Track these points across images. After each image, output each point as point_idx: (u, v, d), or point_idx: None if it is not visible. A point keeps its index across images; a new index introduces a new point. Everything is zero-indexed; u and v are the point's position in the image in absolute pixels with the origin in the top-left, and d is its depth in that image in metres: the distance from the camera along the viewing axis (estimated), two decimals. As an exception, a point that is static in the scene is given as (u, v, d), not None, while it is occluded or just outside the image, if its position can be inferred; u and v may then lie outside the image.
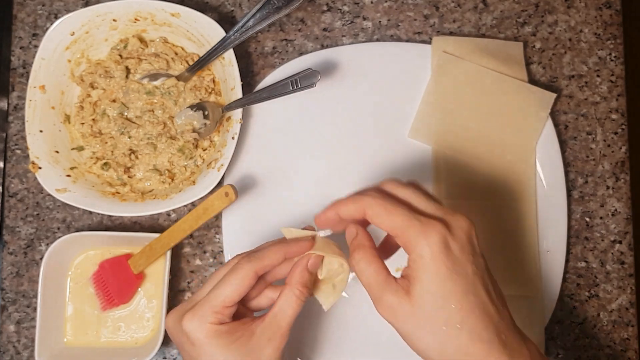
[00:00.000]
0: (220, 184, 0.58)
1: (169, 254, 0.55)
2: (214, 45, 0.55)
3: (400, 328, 0.39)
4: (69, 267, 0.57)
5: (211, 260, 0.60)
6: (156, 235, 0.54)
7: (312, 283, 0.46)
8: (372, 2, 0.62)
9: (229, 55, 0.55)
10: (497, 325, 0.38)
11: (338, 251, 0.45)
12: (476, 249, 0.40)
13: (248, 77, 0.61)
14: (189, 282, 0.59)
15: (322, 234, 0.46)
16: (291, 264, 0.45)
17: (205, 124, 0.57)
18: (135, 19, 0.57)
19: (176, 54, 0.59)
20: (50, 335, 0.55)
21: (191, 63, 0.58)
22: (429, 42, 0.60)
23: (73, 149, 0.58)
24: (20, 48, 0.62)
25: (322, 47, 0.61)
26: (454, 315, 0.38)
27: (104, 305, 0.57)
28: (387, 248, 0.47)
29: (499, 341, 0.38)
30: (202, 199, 0.55)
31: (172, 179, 0.57)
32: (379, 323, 0.42)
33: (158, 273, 0.57)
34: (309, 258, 0.45)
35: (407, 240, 0.39)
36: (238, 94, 0.55)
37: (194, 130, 0.57)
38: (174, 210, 0.60)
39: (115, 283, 0.56)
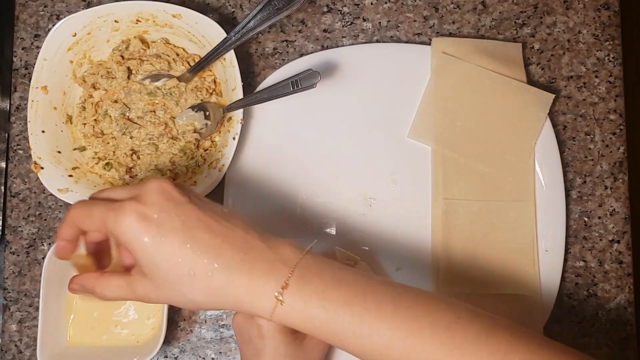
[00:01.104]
0: (221, 184, 0.58)
1: None
2: (215, 46, 0.55)
3: (161, 302, 0.41)
4: (71, 267, 0.58)
5: (212, 259, 0.60)
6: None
7: None
8: (372, 4, 0.62)
9: (230, 56, 0.56)
10: (234, 248, 0.39)
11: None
12: (177, 199, 0.40)
13: (249, 78, 0.61)
14: (190, 282, 0.60)
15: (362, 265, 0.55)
16: None
17: (206, 124, 0.57)
18: (137, 20, 0.57)
19: (177, 55, 0.59)
20: (52, 334, 0.55)
21: (192, 64, 0.59)
22: (429, 43, 0.61)
23: (75, 149, 0.58)
24: (22, 49, 0.62)
25: (323, 48, 0.62)
26: (184, 268, 0.39)
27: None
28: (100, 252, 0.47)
29: (237, 262, 0.39)
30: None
31: (174, 179, 0.58)
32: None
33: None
34: None
35: (112, 234, 0.40)
36: (239, 94, 0.55)
37: (195, 131, 0.57)
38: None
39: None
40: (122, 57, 0.59)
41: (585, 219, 0.60)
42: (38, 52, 0.56)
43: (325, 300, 0.39)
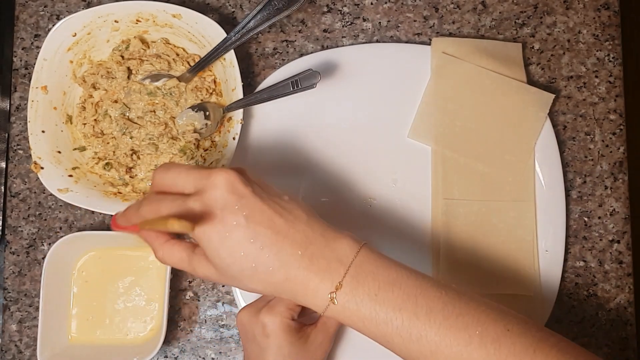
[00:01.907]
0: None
1: None
2: (215, 46, 0.55)
3: (224, 283, 0.44)
4: (72, 266, 0.58)
5: (212, 259, 0.60)
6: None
7: None
8: (372, 4, 0.62)
9: (230, 56, 0.56)
10: (294, 243, 0.41)
11: None
12: (241, 192, 0.41)
13: (249, 78, 0.61)
14: (190, 282, 0.60)
15: None
16: None
17: (206, 124, 0.57)
18: (137, 20, 0.57)
19: (177, 55, 0.59)
20: (52, 334, 0.55)
21: (192, 64, 0.59)
22: (429, 43, 0.61)
23: (75, 149, 0.58)
24: (22, 49, 0.62)
25: (323, 48, 0.62)
26: (247, 262, 0.41)
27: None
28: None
29: (296, 259, 0.41)
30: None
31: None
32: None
33: (160, 271, 0.58)
34: None
35: (191, 234, 0.41)
36: (239, 94, 0.55)
37: (195, 131, 0.57)
38: (175, 210, 0.60)
39: None
40: (122, 57, 0.59)
41: (585, 219, 0.60)
42: (38, 52, 0.56)
43: (377, 303, 0.40)
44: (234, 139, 0.55)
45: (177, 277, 0.60)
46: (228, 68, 0.56)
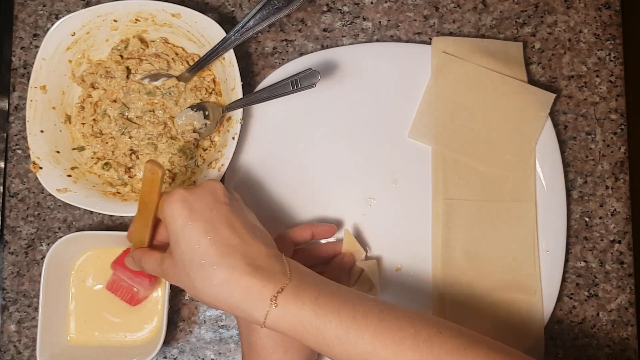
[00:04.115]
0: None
1: None
2: (215, 46, 0.55)
3: (176, 283, 0.45)
4: (71, 266, 0.58)
5: (211, 260, 0.60)
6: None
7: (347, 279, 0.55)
8: (372, 3, 0.62)
9: (230, 55, 0.55)
10: (245, 253, 0.43)
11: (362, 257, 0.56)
12: (219, 198, 0.45)
13: (248, 78, 0.61)
14: (189, 282, 0.60)
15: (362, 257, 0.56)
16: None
17: (205, 124, 0.57)
18: (136, 20, 0.57)
19: (177, 54, 0.59)
20: (51, 334, 0.55)
21: (192, 63, 0.58)
22: (429, 43, 0.60)
23: (74, 149, 0.58)
24: (21, 48, 0.62)
25: (322, 47, 0.61)
26: (197, 255, 0.43)
27: (135, 301, 0.56)
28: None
29: (243, 265, 0.42)
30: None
31: (173, 179, 0.57)
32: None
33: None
34: (344, 256, 0.55)
35: (161, 214, 0.46)
36: (238, 94, 0.55)
37: (194, 131, 0.57)
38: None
39: (132, 275, 0.55)
40: (121, 56, 0.59)
41: (586, 219, 0.60)
42: (37, 52, 0.56)
43: (317, 306, 0.42)
44: (233, 138, 0.55)
45: (176, 278, 0.59)
46: (227, 67, 0.56)
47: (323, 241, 0.58)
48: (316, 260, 0.56)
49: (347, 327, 0.41)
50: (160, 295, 0.57)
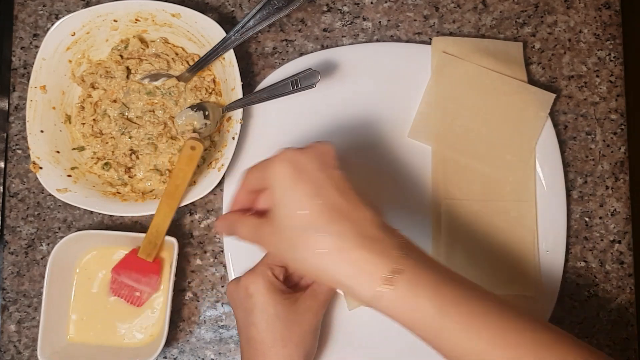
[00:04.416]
0: (220, 184, 0.58)
1: (176, 253, 0.55)
2: (215, 46, 0.55)
3: (273, 250, 0.42)
4: (74, 265, 0.57)
5: (212, 260, 0.60)
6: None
7: None
8: (372, 3, 0.62)
9: (230, 55, 0.55)
10: (356, 221, 0.39)
11: None
12: (329, 163, 0.42)
13: (248, 78, 0.61)
14: (189, 282, 0.60)
15: None
16: None
17: (205, 124, 0.57)
18: (136, 20, 0.57)
19: (177, 54, 0.59)
20: (52, 333, 0.55)
21: (192, 63, 0.58)
22: (429, 43, 0.60)
23: (74, 149, 0.58)
24: (21, 48, 0.62)
25: (322, 47, 0.61)
26: (302, 219, 0.39)
27: (138, 303, 0.57)
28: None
29: (354, 235, 0.39)
30: (202, 198, 0.55)
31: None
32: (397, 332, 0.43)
33: (162, 273, 0.57)
34: None
35: (265, 178, 0.42)
36: (238, 94, 0.55)
37: (194, 131, 0.57)
38: (174, 210, 0.60)
39: (138, 277, 0.56)
40: (121, 56, 0.59)
41: (586, 219, 0.60)
42: (37, 52, 0.56)
43: (437, 295, 0.38)
44: (233, 138, 0.55)
45: (176, 278, 0.59)
46: (227, 67, 0.56)
47: None
48: None
49: (467, 324, 0.38)
50: (162, 297, 0.57)
